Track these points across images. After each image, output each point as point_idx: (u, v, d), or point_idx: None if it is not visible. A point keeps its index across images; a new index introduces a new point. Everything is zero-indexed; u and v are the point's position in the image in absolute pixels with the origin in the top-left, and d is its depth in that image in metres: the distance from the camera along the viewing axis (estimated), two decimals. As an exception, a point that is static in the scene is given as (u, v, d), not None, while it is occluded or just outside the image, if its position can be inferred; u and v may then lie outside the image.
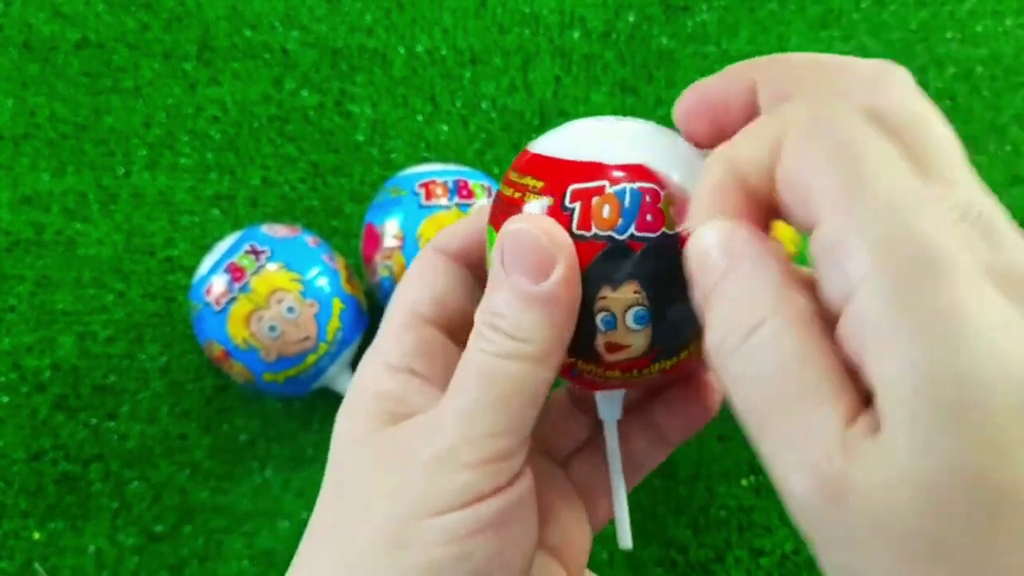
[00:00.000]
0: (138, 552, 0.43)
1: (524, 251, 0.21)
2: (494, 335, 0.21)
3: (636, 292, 0.21)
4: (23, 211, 0.49)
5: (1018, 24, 0.53)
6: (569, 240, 0.21)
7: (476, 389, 0.21)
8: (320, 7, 0.54)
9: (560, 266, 0.20)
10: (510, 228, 0.21)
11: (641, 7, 0.54)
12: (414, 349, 0.24)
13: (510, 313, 0.21)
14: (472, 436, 0.20)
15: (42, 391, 0.46)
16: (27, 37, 0.53)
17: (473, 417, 0.21)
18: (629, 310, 0.21)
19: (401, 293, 0.25)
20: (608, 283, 0.21)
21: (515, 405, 0.21)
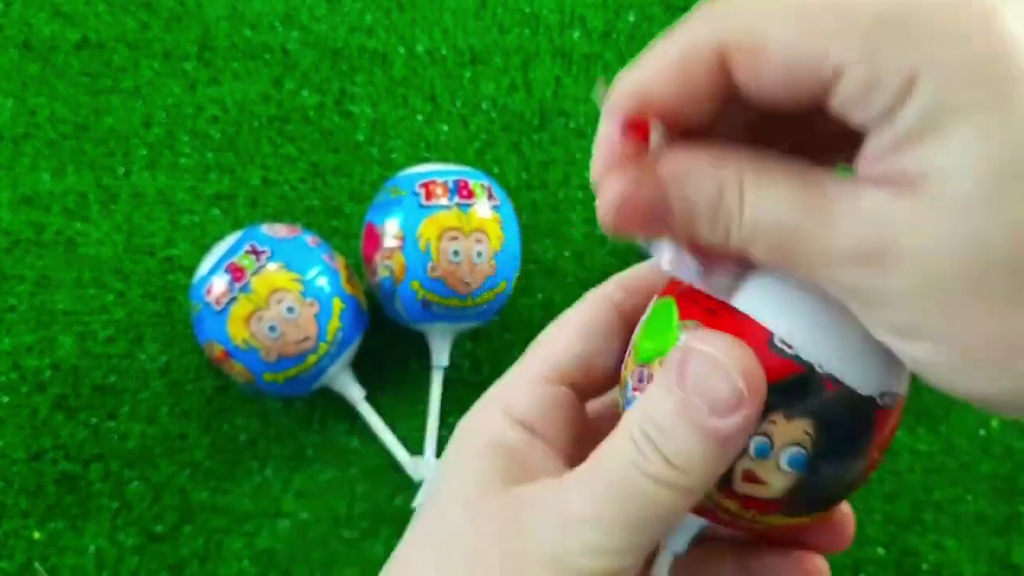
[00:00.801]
0: (138, 552, 0.43)
1: (713, 381, 0.18)
2: (650, 452, 0.19)
3: (807, 432, 0.19)
4: (23, 211, 0.49)
5: (1018, 24, 0.53)
6: (764, 380, 0.19)
7: (615, 500, 0.19)
8: (320, 7, 0.54)
9: (746, 411, 0.18)
10: (703, 349, 0.19)
11: (641, 7, 0.54)
12: (543, 405, 0.22)
13: (675, 438, 0.19)
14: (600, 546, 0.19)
15: (42, 391, 0.46)
16: (27, 37, 0.53)
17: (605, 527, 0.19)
18: (789, 447, 0.19)
19: (549, 337, 0.23)
20: (783, 410, 0.19)
21: (649, 529, 0.19)
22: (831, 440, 0.19)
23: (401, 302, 0.43)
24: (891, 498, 0.44)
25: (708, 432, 0.19)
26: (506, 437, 0.22)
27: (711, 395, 0.18)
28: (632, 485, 0.19)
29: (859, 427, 0.19)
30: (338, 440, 0.46)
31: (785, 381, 0.19)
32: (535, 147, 0.51)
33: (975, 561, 0.42)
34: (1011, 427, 0.45)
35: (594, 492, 0.19)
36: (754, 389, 0.18)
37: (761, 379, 0.19)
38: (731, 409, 0.18)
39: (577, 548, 0.19)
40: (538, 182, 0.50)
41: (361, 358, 0.45)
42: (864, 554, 0.43)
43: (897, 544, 0.43)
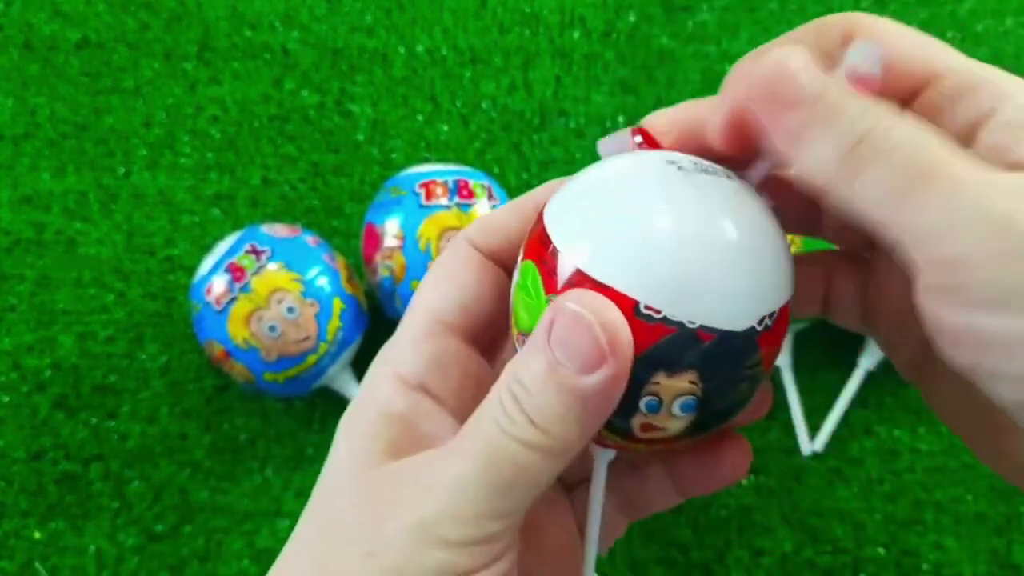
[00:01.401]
0: (138, 552, 0.43)
1: (576, 337, 0.18)
2: (515, 412, 0.19)
3: (692, 383, 0.19)
4: (23, 211, 0.49)
5: (1018, 24, 0.53)
6: (630, 340, 0.18)
7: (479, 464, 0.19)
8: (320, 7, 0.54)
9: (610, 366, 0.18)
10: (568, 306, 0.18)
11: (641, 7, 0.54)
12: (431, 362, 0.22)
13: (539, 394, 0.19)
14: (463, 513, 0.19)
15: (42, 391, 0.46)
16: (27, 37, 0.53)
17: (467, 493, 0.19)
18: (678, 398, 0.19)
19: (426, 291, 0.23)
20: (665, 370, 0.19)
21: (515, 493, 0.19)
22: (718, 379, 0.19)
23: (402, 302, 0.43)
24: (891, 498, 0.44)
25: (571, 389, 0.18)
26: (394, 405, 0.21)
27: (574, 352, 0.18)
28: (496, 448, 0.19)
29: (743, 356, 0.19)
30: (338, 440, 0.46)
31: (659, 345, 0.19)
32: (535, 147, 0.51)
33: (975, 561, 0.42)
34: (1011, 427, 0.45)
35: (460, 458, 0.19)
36: (618, 345, 0.18)
37: (625, 336, 0.18)
38: (594, 366, 0.18)
39: (440, 516, 0.19)
40: (538, 182, 0.50)
41: (361, 358, 0.45)
42: (864, 554, 0.43)
43: (897, 544, 0.43)
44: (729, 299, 0.19)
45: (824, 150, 0.17)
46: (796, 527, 0.43)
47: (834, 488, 0.44)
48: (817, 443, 0.44)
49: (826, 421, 0.45)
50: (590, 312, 0.18)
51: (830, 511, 0.44)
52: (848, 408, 0.45)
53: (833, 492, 0.44)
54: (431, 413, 0.21)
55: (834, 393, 0.45)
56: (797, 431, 0.45)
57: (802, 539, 0.43)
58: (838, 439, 0.45)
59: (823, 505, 0.44)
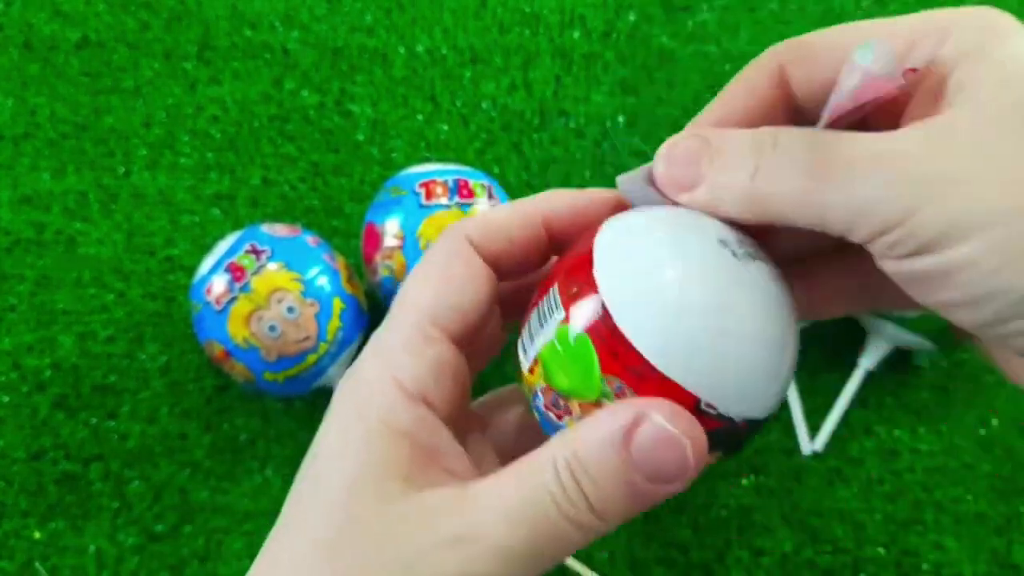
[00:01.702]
0: (138, 552, 0.43)
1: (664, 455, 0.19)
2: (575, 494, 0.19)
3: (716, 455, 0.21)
4: (23, 211, 0.49)
5: (1019, 24, 0.53)
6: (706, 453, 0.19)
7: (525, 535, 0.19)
8: (320, 7, 0.54)
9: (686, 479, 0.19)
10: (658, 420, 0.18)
11: (641, 7, 0.54)
12: (431, 371, 0.21)
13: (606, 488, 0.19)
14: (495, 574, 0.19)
15: (42, 391, 0.46)
16: (27, 37, 0.53)
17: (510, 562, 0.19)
18: None
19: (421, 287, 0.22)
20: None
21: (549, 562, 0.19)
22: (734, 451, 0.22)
23: (401, 302, 0.43)
24: (891, 498, 0.44)
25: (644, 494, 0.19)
26: (400, 419, 0.20)
27: (659, 466, 0.19)
28: (546, 519, 0.19)
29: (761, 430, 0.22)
30: (338, 440, 0.46)
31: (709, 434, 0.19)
32: (535, 147, 0.51)
33: (975, 561, 0.42)
34: (1011, 427, 0.45)
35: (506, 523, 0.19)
36: (700, 463, 0.19)
37: (704, 449, 0.19)
38: (671, 479, 0.19)
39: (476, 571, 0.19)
40: (538, 182, 0.50)
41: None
42: (864, 554, 0.43)
43: (897, 544, 0.43)
44: (768, 395, 0.21)
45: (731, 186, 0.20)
46: (796, 527, 0.43)
47: (834, 488, 0.44)
48: (817, 443, 0.44)
49: (826, 421, 0.45)
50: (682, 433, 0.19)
51: (830, 511, 0.44)
52: (848, 408, 0.45)
53: (833, 492, 0.44)
54: (434, 428, 0.21)
55: (834, 393, 0.45)
56: (797, 431, 0.45)
57: (802, 539, 0.43)
58: (838, 439, 0.45)
59: (823, 505, 0.44)
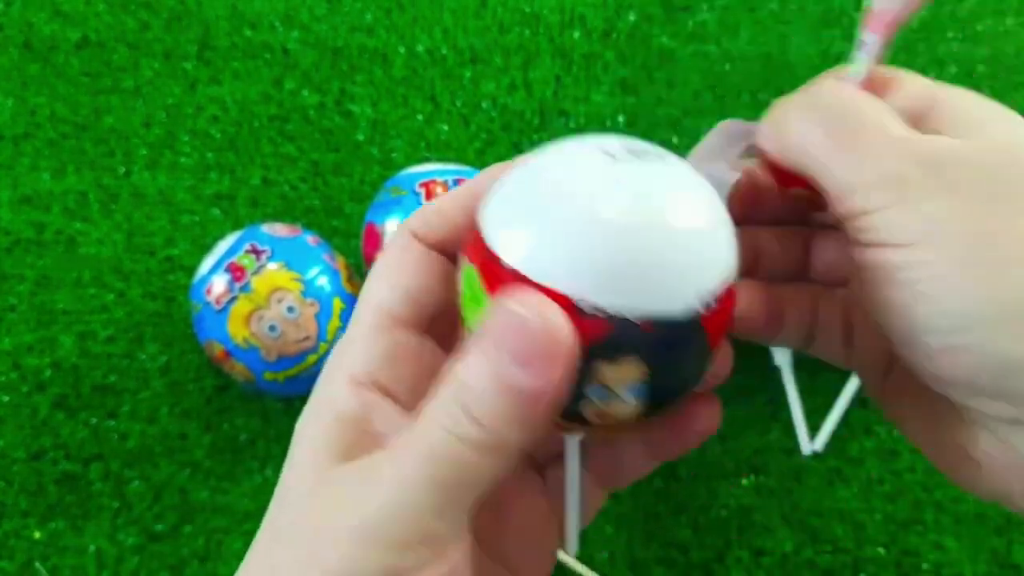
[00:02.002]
0: (138, 552, 0.43)
1: (518, 338, 0.18)
2: (456, 410, 0.19)
3: (639, 368, 0.19)
4: (23, 211, 0.49)
5: (1019, 23, 0.53)
6: (571, 340, 0.18)
7: (421, 464, 0.19)
8: (320, 7, 0.54)
9: (552, 367, 0.18)
10: (509, 307, 0.18)
11: (641, 6, 0.54)
12: (382, 357, 0.22)
13: (482, 394, 0.18)
14: (405, 513, 0.18)
15: (42, 391, 0.46)
16: (27, 37, 0.53)
17: (409, 494, 0.19)
18: (626, 385, 0.19)
19: (373, 286, 0.23)
20: (608, 361, 0.19)
21: (458, 492, 0.19)
22: (664, 362, 0.19)
23: (401, 302, 0.43)
24: (891, 498, 0.44)
25: (513, 390, 0.18)
26: (348, 406, 0.21)
27: (516, 353, 0.18)
28: (438, 447, 0.19)
29: (687, 340, 0.19)
30: (338, 440, 0.46)
31: (600, 339, 0.19)
32: (535, 147, 0.51)
33: (975, 561, 0.42)
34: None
35: (402, 458, 0.19)
36: (559, 346, 0.18)
37: (566, 336, 0.18)
38: (537, 367, 0.18)
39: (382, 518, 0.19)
40: (538, 182, 0.50)
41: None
42: (864, 554, 0.43)
43: (897, 544, 0.43)
44: (666, 287, 0.19)
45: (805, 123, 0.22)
46: (796, 527, 0.43)
47: (834, 488, 0.44)
48: (817, 443, 0.44)
49: (826, 421, 0.45)
50: (532, 314, 0.18)
51: (830, 511, 0.44)
52: (848, 408, 0.45)
53: (833, 492, 0.44)
54: (384, 411, 0.21)
55: (834, 393, 0.45)
56: (797, 431, 0.45)
57: (802, 539, 0.43)
58: (838, 439, 0.45)
59: (823, 505, 0.44)
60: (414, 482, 0.19)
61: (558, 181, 0.20)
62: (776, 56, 0.53)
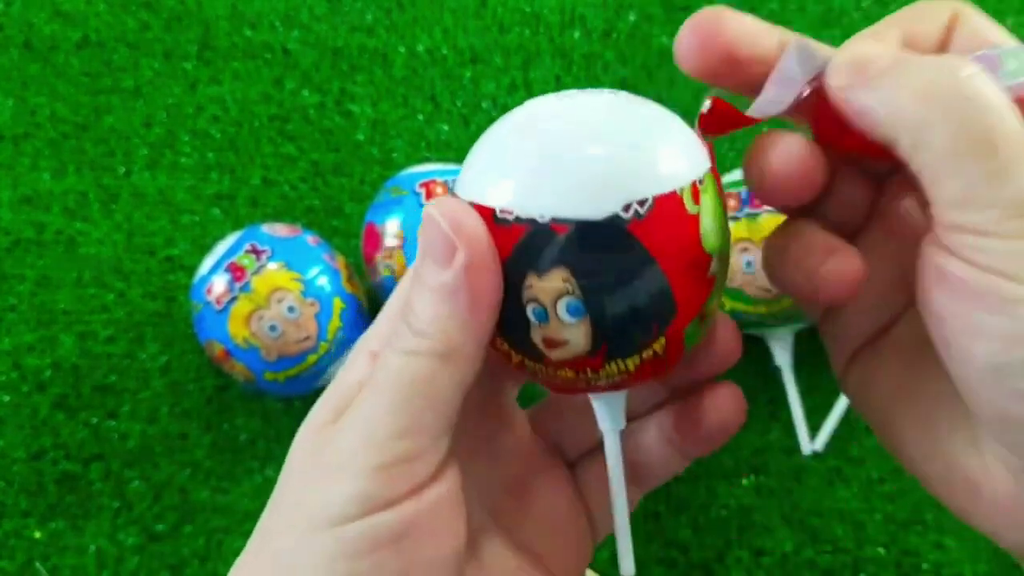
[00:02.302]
0: (139, 551, 0.43)
1: (428, 234, 0.19)
2: (401, 327, 0.20)
3: (565, 280, 0.19)
4: (24, 211, 0.49)
5: (1019, 23, 0.53)
6: (476, 223, 0.19)
7: (379, 387, 0.19)
8: (320, 6, 0.54)
9: (460, 253, 0.18)
10: (425, 211, 0.19)
11: (642, 6, 0.54)
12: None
13: (416, 304, 0.19)
14: (373, 439, 0.19)
15: (42, 390, 0.46)
16: (28, 37, 0.53)
17: (374, 418, 0.19)
18: (560, 301, 0.19)
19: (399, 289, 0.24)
20: (533, 271, 0.19)
21: (417, 406, 0.19)
22: (591, 274, 0.19)
23: (401, 302, 0.43)
24: (891, 498, 0.44)
25: (435, 288, 0.19)
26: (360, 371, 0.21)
27: (428, 248, 0.19)
28: (393, 366, 0.19)
29: (611, 246, 0.19)
30: (338, 440, 0.46)
31: (519, 245, 0.19)
32: (535, 147, 0.51)
33: (975, 561, 0.42)
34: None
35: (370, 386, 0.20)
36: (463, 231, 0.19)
37: (471, 224, 0.19)
38: (449, 257, 0.19)
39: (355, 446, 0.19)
40: (538, 182, 0.50)
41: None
42: (864, 554, 0.43)
43: (897, 544, 0.43)
44: (582, 186, 0.19)
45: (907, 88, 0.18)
46: (796, 527, 0.43)
47: (834, 488, 0.44)
48: (817, 443, 0.44)
49: (826, 421, 0.45)
50: (436, 209, 0.19)
51: (830, 511, 0.44)
52: (848, 408, 0.45)
53: (833, 492, 0.44)
54: None
55: (834, 393, 0.45)
56: (797, 431, 0.45)
57: (802, 539, 0.43)
58: (838, 439, 0.45)
59: (823, 505, 0.44)
60: (377, 405, 0.19)
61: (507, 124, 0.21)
62: (776, 56, 0.53)
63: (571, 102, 0.20)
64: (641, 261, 0.19)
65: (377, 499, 0.19)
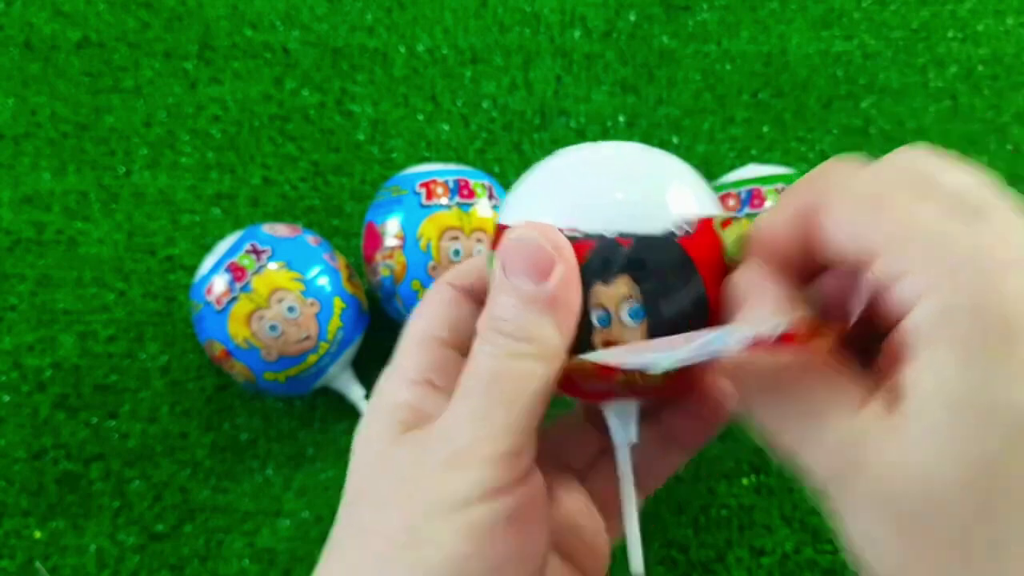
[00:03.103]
0: (139, 551, 0.43)
1: (525, 255, 0.21)
2: (499, 338, 0.22)
3: (628, 287, 0.22)
4: (24, 210, 0.49)
5: (1019, 23, 0.53)
6: (566, 241, 0.22)
7: (485, 390, 0.21)
8: (321, 6, 0.54)
9: (560, 266, 0.21)
10: (511, 235, 0.22)
11: (642, 6, 0.54)
12: (431, 364, 0.24)
13: (513, 316, 0.21)
14: (485, 433, 0.21)
15: (43, 390, 0.46)
16: (28, 36, 0.53)
17: (484, 415, 0.21)
18: (623, 305, 0.22)
19: (415, 320, 0.26)
20: (600, 280, 0.22)
21: (523, 403, 0.21)
22: (651, 281, 0.22)
23: (402, 301, 0.43)
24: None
25: (537, 299, 0.21)
26: (403, 395, 0.24)
27: (527, 267, 0.21)
28: (495, 370, 0.21)
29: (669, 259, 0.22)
30: (339, 439, 0.46)
31: (587, 259, 0.22)
32: (536, 147, 0.51)
33: (975, 560, 0.42)
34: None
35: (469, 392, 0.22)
36: (560, 247, 0.22)
37: (560, 237, 0.22)
38: (547, 271, 0.21)
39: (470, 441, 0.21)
40: (539, 181, 0.50)
41: (362, 358, 0.45)
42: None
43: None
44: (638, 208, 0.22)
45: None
46: (797, 526, 0.43)
47: (834, 488, 0.44)
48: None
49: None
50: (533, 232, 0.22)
51: (830, 511, 0.43)
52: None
53: (833, 492, 0.44)
54: (437, 400, 0.23)
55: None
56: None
57: (803, 538, 0.43)
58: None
59: (823, 505, 0.44)
60: (486, 406, 0.21)
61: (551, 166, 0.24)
62: (776, 56, 0.53)
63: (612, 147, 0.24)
64: (689, 270, 0.22)
65: (497, 485, 0.20)
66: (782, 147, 0.51)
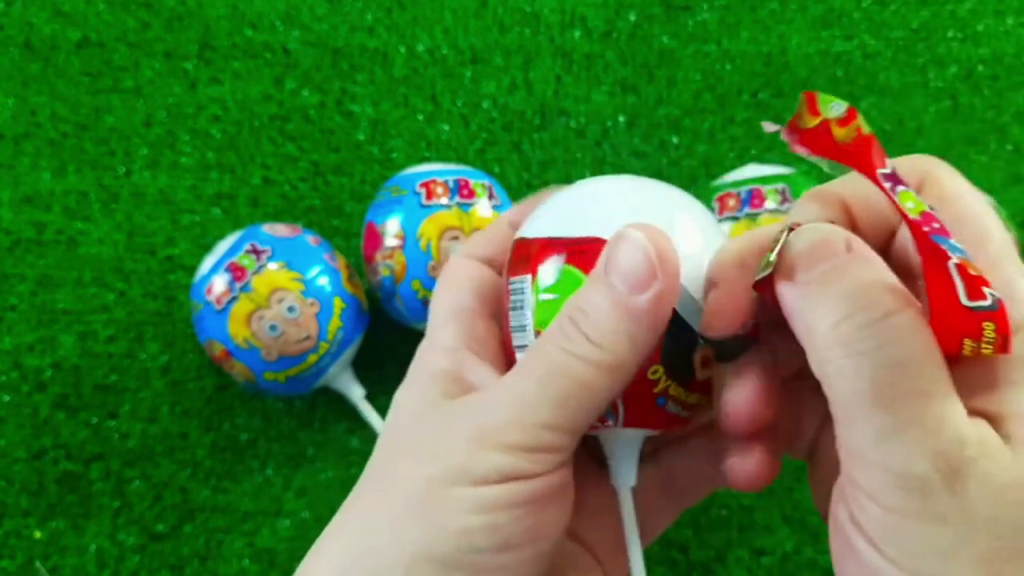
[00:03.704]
0: (139, 551, 0.43)
1: (632, 260, 0.21)
2: (573, 331, 0.21)
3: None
4: (24, 210, 0.49)
5: (1019, 23, 0.53)
6: (676, 259, 0.21)
7: (539, 379, 0.21)
8: (321, 6, 0.54)
9: (658, 284, 0.20)
10: (626, 233, 0.21)
11: (642, 6, 0.54)
12: (466, 332, 0.24)
13: (595, 315, 0.21)
14: (523, 422, 0.20)
15: (43, 390, 0.46)
16: (28, 36, 0.53)
17: (529, 405, 0.21)
18: None
19: (441, 295, 0.25)
20: None
21: (573, 405, 0.21)
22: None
23: (402, 301, 0.43)
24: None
25: (624, 307, 0.21)
26: (441, 364, 0.23)
27: (627, 272, 0.21)
28: (557, 363, 0.21)
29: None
30: (339, 439, 0.46)
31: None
32: (536, 147, 0.51)
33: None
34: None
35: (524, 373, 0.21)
36: (666, 262, 0.21)
37: (674, 255, 0.21)
38: (645, 284, 0.20)
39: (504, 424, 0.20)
40: (539, 182, 0.50)
41: (362, 358, 0.45)
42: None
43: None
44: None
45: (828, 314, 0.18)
46: (797, 526, 0.43)
47: (834, 488, 0.44)
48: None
49: (826, 421, 0.45)
50: (645, 235, 0.21)
51: (830, 511, 0.44)
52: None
53: (833, 492, 0.44)
54: (477, 367, 0.23)
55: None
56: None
57: (803, 538, 0.43)
58: (838, 439, 0.45)
59: (823, 505, 0.44)
60: (535, 395, 0.21)
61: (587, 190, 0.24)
62: (776, 56, 0.53)
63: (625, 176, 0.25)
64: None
65: (517, 473, 0.20)
66: (782, 147, 0.51)
